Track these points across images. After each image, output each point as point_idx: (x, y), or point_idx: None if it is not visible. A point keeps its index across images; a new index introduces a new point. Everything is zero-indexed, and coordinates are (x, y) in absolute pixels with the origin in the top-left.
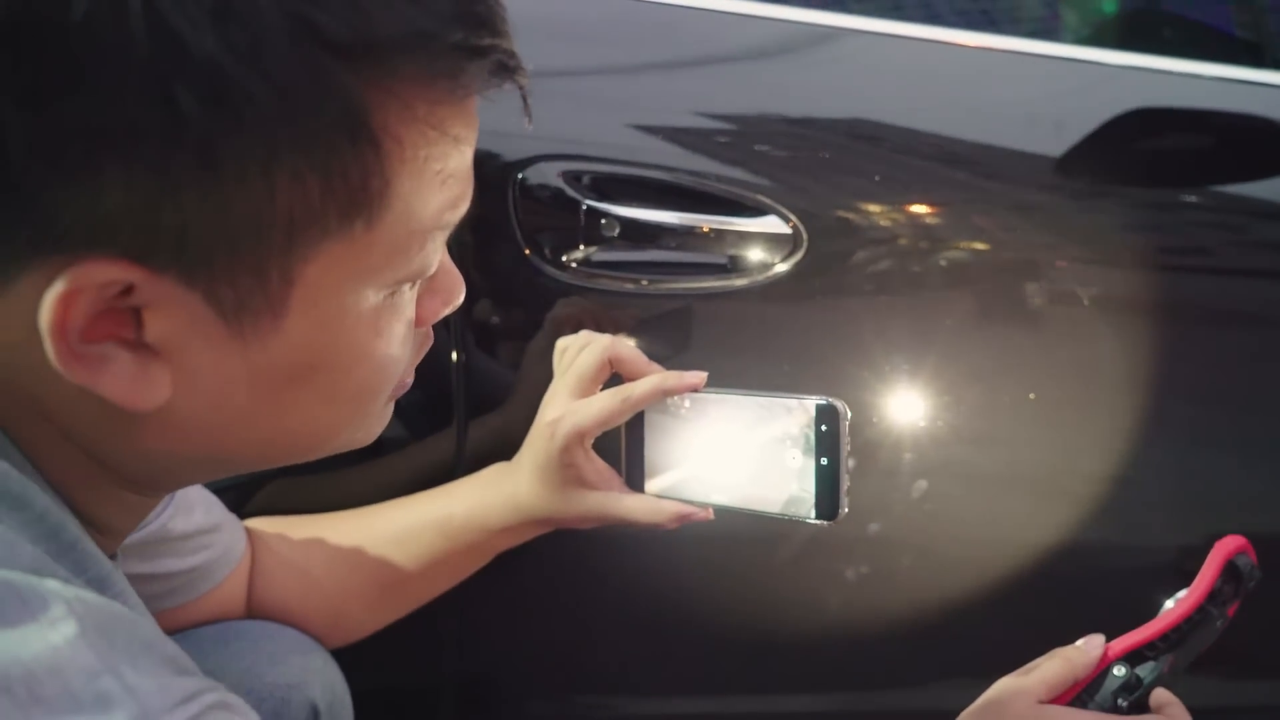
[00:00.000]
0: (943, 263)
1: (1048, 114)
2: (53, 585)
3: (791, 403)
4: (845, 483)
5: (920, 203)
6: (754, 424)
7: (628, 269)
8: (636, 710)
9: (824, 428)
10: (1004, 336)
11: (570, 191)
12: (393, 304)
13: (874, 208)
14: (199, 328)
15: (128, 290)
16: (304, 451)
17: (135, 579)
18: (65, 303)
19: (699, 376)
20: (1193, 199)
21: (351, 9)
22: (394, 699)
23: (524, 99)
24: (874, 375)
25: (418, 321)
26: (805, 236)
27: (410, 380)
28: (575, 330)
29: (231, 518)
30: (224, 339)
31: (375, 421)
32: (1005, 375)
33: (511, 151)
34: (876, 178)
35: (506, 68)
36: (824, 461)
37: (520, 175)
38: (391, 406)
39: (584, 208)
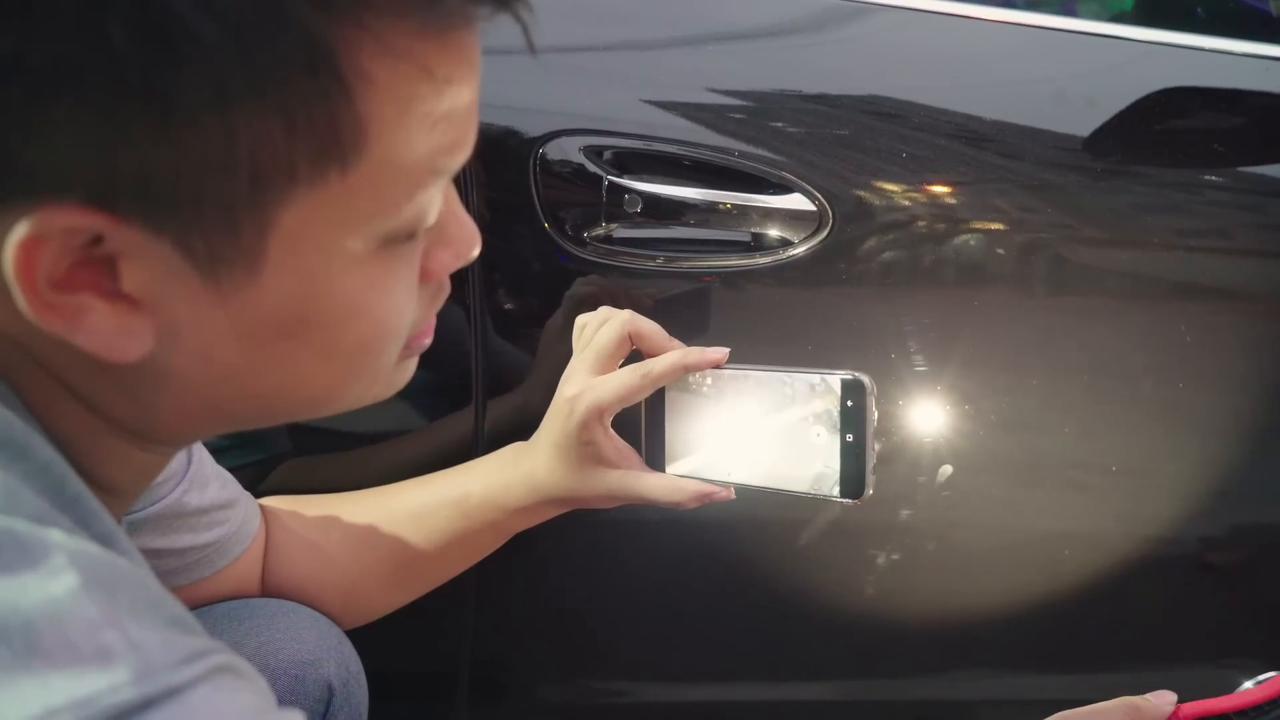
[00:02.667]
0: (971, 242)
1: (1078, 91)
2: (55, 535)
3: (815, 378)
4: (871, 460)
5: (948, 182)
6: (777, 400)
7: (649, 246)
8: (650, 697)
9: (849, 403)
10: (1032, 320)
11: (592, 167)
12: (388, 256)
13: (900, 186)
14: (175, 279)
15: (98, 239)
16: (305, 409)
17: (151, 554)
18: (27, 250)
19: (721, 353)
20: (1224, 179)
21: None
22: (409, 681)
23: (524, 30)
24: (899, 356)
25: (427, 275)
26: (830, 214)
27: (429, 338)
28: (594, 308)
29: (246, 494)
30: (201, 291)
31: (390, 378)
32: (1031, 359)
33: (533, 126)
34: (904, 154)
35: None
36: (849, 438)
37: (541, 150)
38: (412, 363)
39: (606, 183)
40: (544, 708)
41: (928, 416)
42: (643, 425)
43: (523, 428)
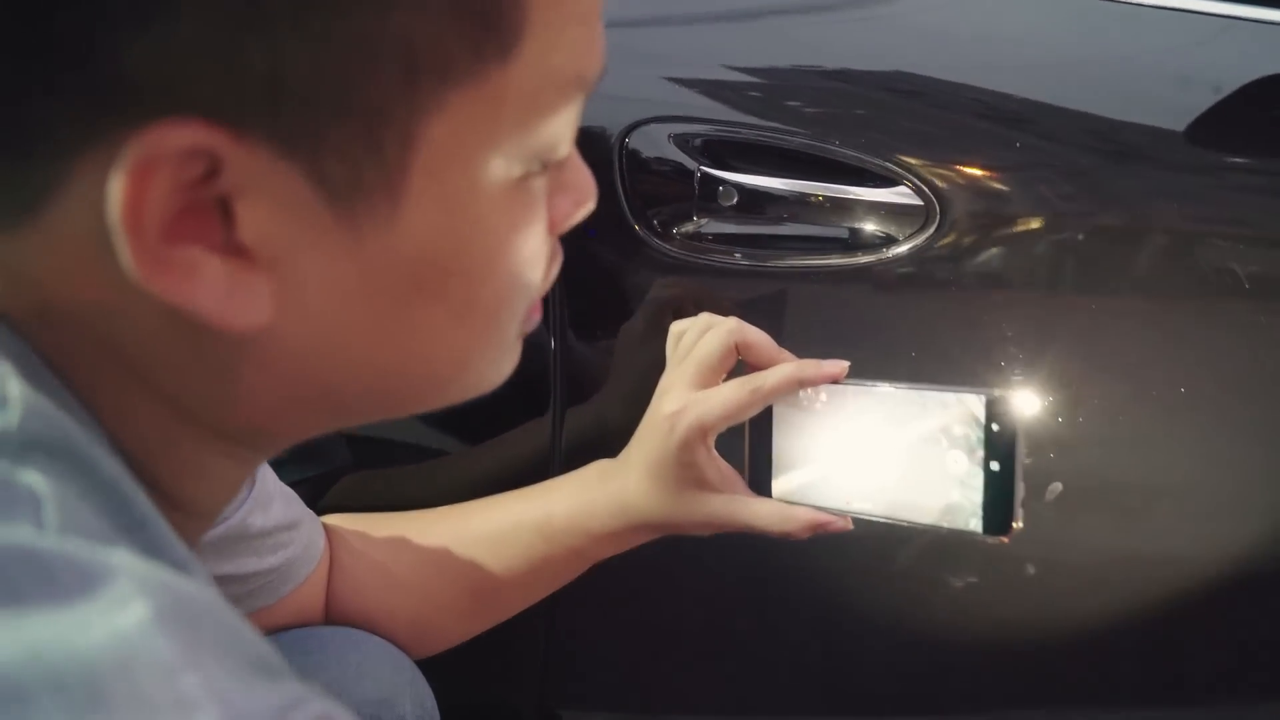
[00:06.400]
0: (1092, 243)
1: (1200, 73)
2: (121, 557)
3: (951, 397)
4: (1020, 491)
5: (1069, 176)
6: (905, 421)
7: (742, 243)
8: None
9: (995, 426)
10: (1160, 328)
11: (682, 157)
12: (526, 190)
13: (1016, 178)
14: (302, 219)
15: (213, 173)
16: (429, 390)
17: (214, 580)
18: (138, 179)
19: (840, 366)
20: None
21: None
22: (473, 716)
23: None
24: (1012, 367)
25: (550, 225)
26: (938, 208)
27: (539, 314)
28: (683, 309)
29: (310, 513)
30: (333, 231)
31: (507, 356)
32: (1160, 374)
33: (618, 114)
34: (1018, 144)
35: None
36: (994, 466)
37: (627, 139)
38: (520, 344)
39: (698, 175)
40: None
41: (1043, 431)
42: (746, 445)
43: (605, 439)
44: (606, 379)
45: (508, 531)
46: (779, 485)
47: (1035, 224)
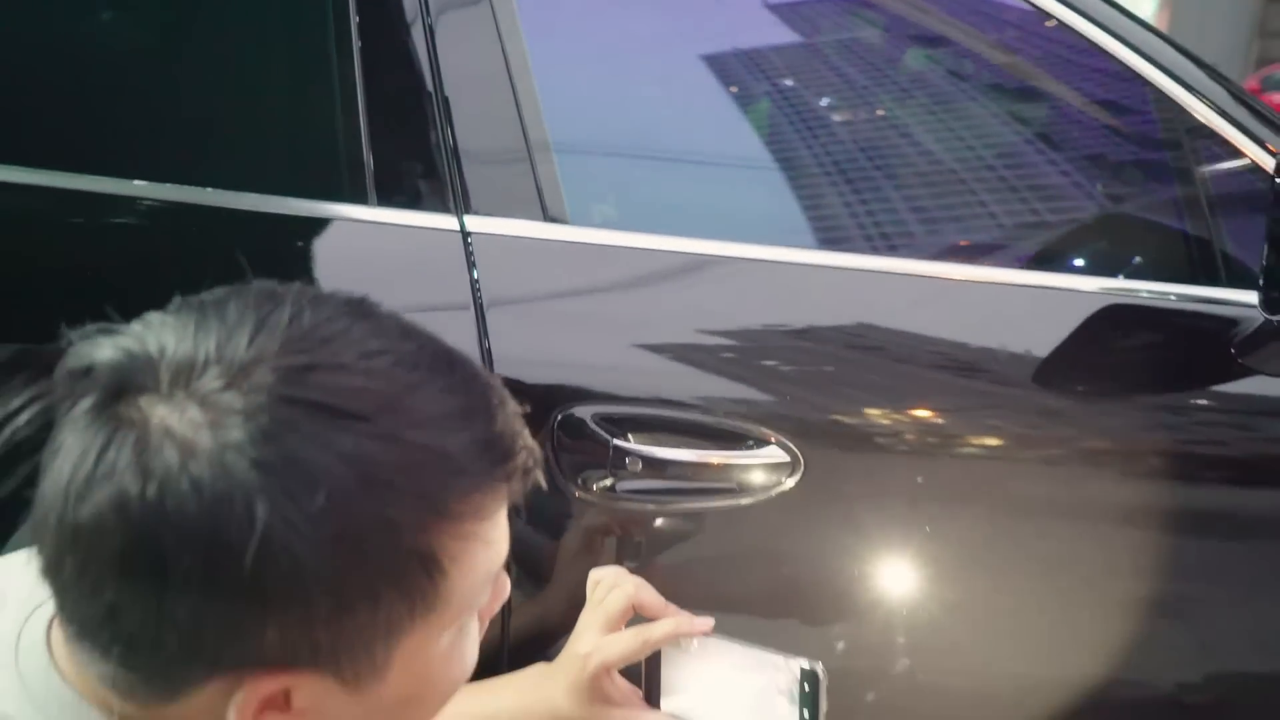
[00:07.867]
0: (939, 472)
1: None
2: None
3: (780, 659)
4: None
5: (915, 410)
6: (750, 670)
7: (648, 494)
8: None
9: (806, 687)
10: (1009, 544)
11: (600, 431)
12: (462, 631)
13: (869, 421)
14: (330, 693)
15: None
16: None
17: None
18: (246, 705)
19: (706, 624)
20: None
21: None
22: None
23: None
24: (874, 579)
25: (482, 616)
26: (802, 460)
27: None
28: (605, 537)
29: None
30: (346, 695)
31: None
32: (1012, 583)
33: (552, 396)
34: (870, 391)
35: (530, 467)
36: (806, 715)
37: (560, 415)
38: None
39: (611, 449)
40: None
41: (895, 639)
42: (643, 670)
43: (544, 631)
44: (545, 585)
45: None
46: (667, 702)
47: (891, 458)
